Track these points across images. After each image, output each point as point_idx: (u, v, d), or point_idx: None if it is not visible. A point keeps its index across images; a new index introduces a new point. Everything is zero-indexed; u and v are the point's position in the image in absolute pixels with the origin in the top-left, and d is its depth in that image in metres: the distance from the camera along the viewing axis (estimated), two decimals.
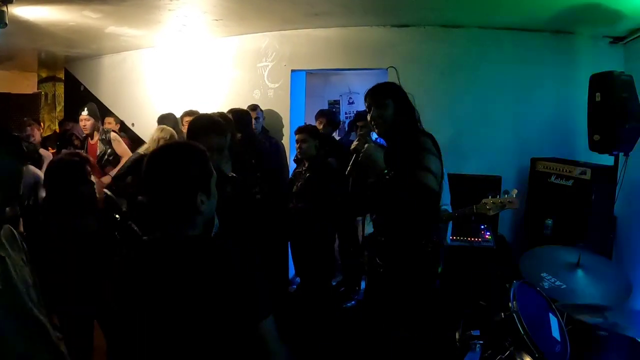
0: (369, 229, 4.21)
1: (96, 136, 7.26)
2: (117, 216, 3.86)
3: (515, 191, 4.38)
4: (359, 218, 6.31)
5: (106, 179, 6.64)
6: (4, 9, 5.70)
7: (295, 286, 6.89)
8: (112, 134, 7.30)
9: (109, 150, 7.10)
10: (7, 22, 5.75)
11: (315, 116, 7.48)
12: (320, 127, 7.13)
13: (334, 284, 6.83)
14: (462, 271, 5.21)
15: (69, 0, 5.97)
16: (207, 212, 2.19)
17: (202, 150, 2.25)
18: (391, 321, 3.72)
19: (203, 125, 3.64)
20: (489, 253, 5.42)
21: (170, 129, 6.18)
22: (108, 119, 8.79)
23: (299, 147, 6.01)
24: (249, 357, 2.02)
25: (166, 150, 2.24)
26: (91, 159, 3.93)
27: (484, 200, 4.40)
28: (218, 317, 1.98)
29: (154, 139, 5.95)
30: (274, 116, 7.45)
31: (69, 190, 3.50)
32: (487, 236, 5.55)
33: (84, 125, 7.25)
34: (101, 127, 7.47)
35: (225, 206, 3.05)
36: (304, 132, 6.02)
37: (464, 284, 5.06)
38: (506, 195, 4.37)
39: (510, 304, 2.93)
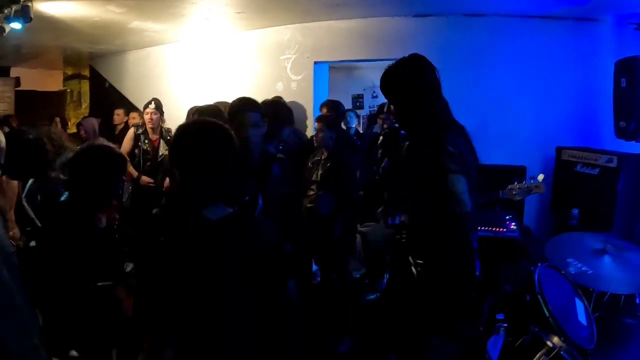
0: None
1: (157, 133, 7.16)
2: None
3: (542, 176, 4.31)
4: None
5: (144, 179, 6.84)
6: (29, 4, 5.77)
7: (319, 278, 6.88)
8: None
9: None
10: (32, 16, 5.81)
11: (320, 106, 7.42)
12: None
13: (357, 276, 6.80)
14: (487, 260, 5.16)
15: None
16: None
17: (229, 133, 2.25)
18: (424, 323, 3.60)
19: (237, 104, 3.76)
20: (514, 243, 5.36)
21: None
22: (133, 114, 8.83)
23: (316, 136, 6.01)
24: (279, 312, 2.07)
25: (194, 128, 2.25)
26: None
27: (509, 186, 4.35)
28: (260, 279, 2.07)
29: None
30: (298, 108, 7.44)
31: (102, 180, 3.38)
32: (512, 226, 5.48)
33: (150, 119, 7.06)
34: (164, 126, 7.32)
35: (271, 187, 3.07)
36: (321, 121, 6.02)
37: (488, 272, 5.01)
38: (532, 180, 4.32)
39: (535, 287, 2.90)
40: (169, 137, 6.93)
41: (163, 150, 6.99)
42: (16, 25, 6.08)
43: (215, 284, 2.05)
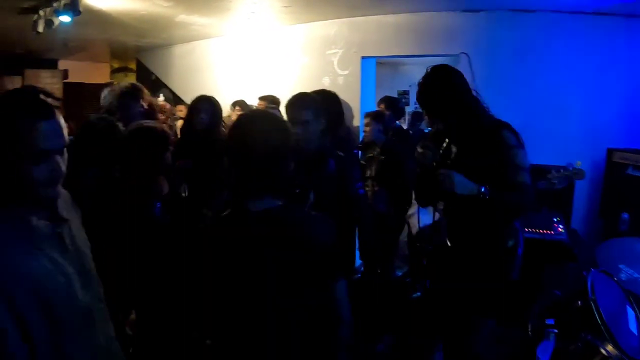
0: (424, 219, 4.12)
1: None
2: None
3: (579, 162, 4.21)
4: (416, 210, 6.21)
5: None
6: None
7: (359, 275, 6.82)
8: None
9: None
10: (80, 10, 5.86)
11: (377, 102, 7.38)
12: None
13: (399, 274, 6.74)
14: (535, 263, 5.06)
15: None
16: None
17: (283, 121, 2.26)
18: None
19: (291, 101, 3.68)
20: (561, 246, 5.24)
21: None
22: (179, 107, 8.90)
23: (365, 131, 5.98)
24: (320, 319, 2.03)
25: (253, 119, 2.24)
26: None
27: (549, 175, 4.25)
28: (299, 276, 2.01)
29: None
30: (344, 104, 7.37)
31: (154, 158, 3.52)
32: (559, 229, 5.36)
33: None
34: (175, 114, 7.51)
35: (324, 183, 3.02)
36: (368, 116, 5.98)
37: (537, 275, 4.90)
38: (571, 168, 4.21)
39: (588, 292, 2.81)
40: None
41: None
42: (65, 19, 6.15)
43: (250, 277, 2.03)
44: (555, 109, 6.25)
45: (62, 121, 1.78)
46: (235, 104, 7.55)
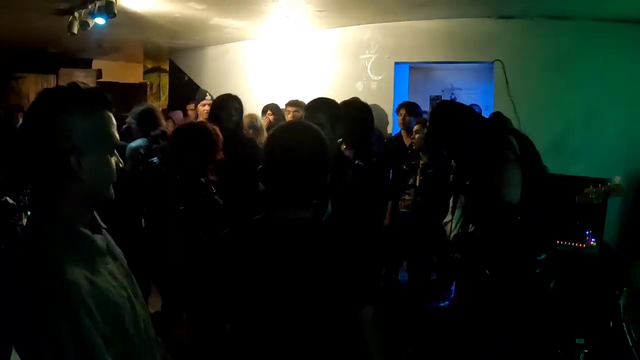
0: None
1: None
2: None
3: (618, 177, 4.10)
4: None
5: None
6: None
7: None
8: None
9: None
10: (115, 12, 5.91)
11: (396, 109, 7.25)
12: (400, 119, 6.91)
13: (433, 278, 6.66)
14: (565, 278, 4.96)
15: None
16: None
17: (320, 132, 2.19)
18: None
19: (308, 105, 3.79)
20: (593, 260, 5.12)
21: (254, 114, 6.37)
22: (189, 105, 8.95)
23: (413, 138, 5.87)
24: (345, 342, 1.96)
25: (293, 130, 2.20)
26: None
27: (586, 190, 4.14)
28: (321, 299, 1.94)
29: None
30: (377, 109, 7.31)
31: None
32: (591, 242, 5.25)
33: (206, 110, 7.26)
34: None
35: (344, 193, 2.99)
36: (419, 123, 5.89)
37: (568, 291, 4.81)
38: (609, 183, 4.10)
39: (620, 313, 2.73)
40: None
41: None
42: (100, 21, 6.22)
43: (273, 288, 1.97)
44: (592, 120, 6.10)
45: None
46: (267, 107, 7.55)
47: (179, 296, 3.39)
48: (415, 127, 5.85)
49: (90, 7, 6.25)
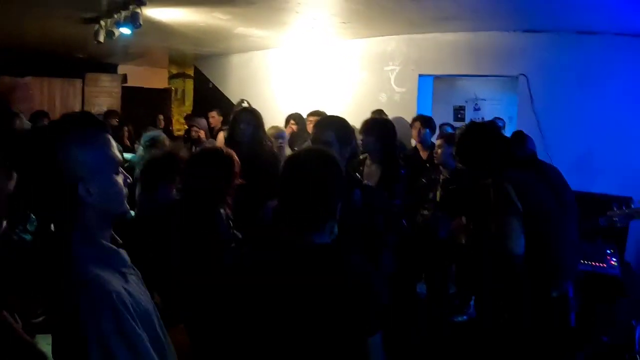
0: None
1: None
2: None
3: None
4: None
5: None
6: (138, 10, 5.91)
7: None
8: None
9: None
10: (141, 22, 5.94)
11: (411, 123, 7.14)
12: (415, 132, 6.81)
13: (451, 292, 6.61)
14: (585, 300, 4.88)
15: (200, 3, 6.12)
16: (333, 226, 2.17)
17: (337, 159, 2.23)
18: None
19: (317, 122, 3.70)
20: (614, 281, 5.04)
21: (278, 126, 6.34)
22: (211, 113, 9.00)
23: (435, 152, 5.81)
24: None
25: (310, 156, 2.23)
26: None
27: (609, 213, 4.09)
28: (330, 329, 1.96)
29: None
30: (400, 121, 7.27)
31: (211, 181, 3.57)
32: (612, 262, 5.15)
33: (211, 123, 7.67)
34: None
35: (352, 215, 2.98)
36: (441, 138, 5.82)
37: (585, 314, 4.73)
38: (633, 206, 4.05)
39: (635, 344, 2.69)
40: None
41: None
42: (125, 31, 6.28)
43: (284, 312, 1.99)
44: (618, 137, 6.03)
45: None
46: (290, 117, 7.57)
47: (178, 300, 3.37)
48: (438, 142, 5.78)
49: (116, 16, 6.30)
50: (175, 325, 3.04)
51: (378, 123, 4.87)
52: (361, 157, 4.63)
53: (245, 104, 7.38)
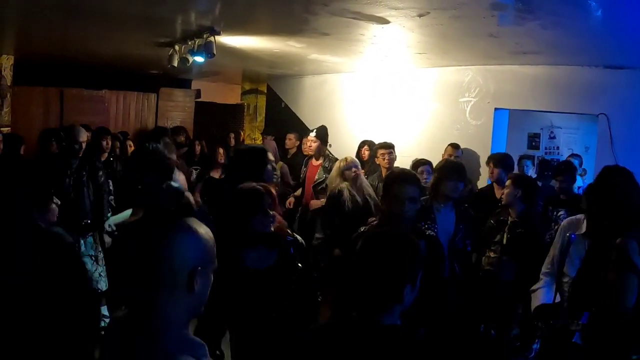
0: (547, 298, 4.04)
1: (320, 160, 7.53)
2: (299, 264, 3.78)
3: None
4: None
5: (315, 203, 7.11)
6: (212, 39, 5.95)
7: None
8: None
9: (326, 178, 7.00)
10: (215, 52, 5.98)
11: (486, 161, 6.76)
12: (490, 171, 6.52)
13: (513, 334, 6.48)
14: None
15: (275, 33, 6.19)
16: (407, 302, 2.17)
17: (418, 244, 2.28)
18: None
19: (395, 175, 3.70)
20: None
21: (348, 157, 6.34)
22: (289, 136, 9.09)
23: (503, 194, 5.67)
24: None
25: (386, 238, 2.27)
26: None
27: None
28: None
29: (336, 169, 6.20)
30: (471, 155, 7.16)
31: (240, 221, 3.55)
32: None
33: (310, 146, 7.68)
34: (328, 154, 7.71)
35: None
36: (510, 178, 5.67)
37: None
38: None
39: None
40: (327, 165, 7.35)
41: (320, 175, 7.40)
42: (199, 59, 6.37)
43: None
44: None
45: None
46: (364, 143, 7.62)
47: None
48: (507, 182, 5.64)
49: (190, 43, 6.37)
50: None
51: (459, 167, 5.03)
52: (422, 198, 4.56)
53: (312, 134, 7.49)
